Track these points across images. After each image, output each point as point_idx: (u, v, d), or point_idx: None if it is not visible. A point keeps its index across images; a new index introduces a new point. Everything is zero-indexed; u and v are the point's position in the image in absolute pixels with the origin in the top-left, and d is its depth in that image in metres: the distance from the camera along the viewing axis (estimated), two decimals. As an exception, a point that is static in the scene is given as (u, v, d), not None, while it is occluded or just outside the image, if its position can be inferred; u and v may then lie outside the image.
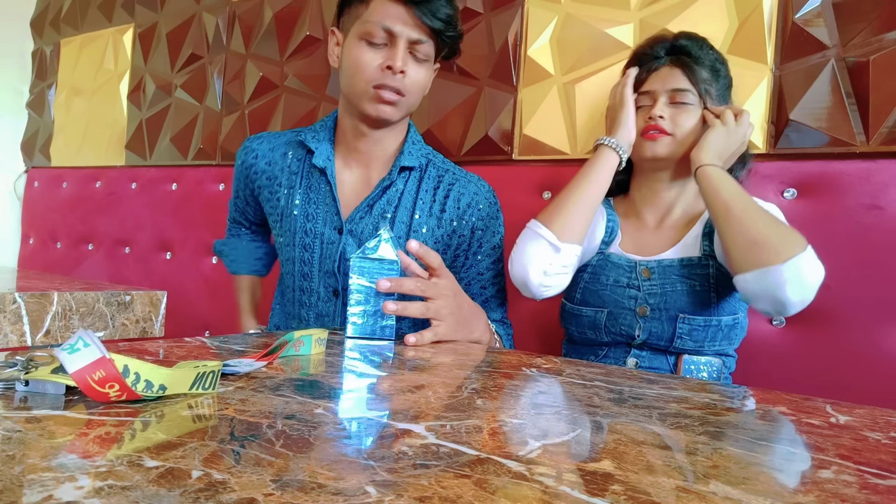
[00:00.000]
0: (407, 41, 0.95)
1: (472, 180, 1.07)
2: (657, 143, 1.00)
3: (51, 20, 2.54)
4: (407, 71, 0.96)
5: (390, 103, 0.97)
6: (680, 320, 0.96)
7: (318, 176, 1.05)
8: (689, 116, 1.00)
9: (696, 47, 1.02)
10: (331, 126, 1.08)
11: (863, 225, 1.05)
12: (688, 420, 0.48)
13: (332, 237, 1.04)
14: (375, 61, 0.95)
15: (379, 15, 0.94)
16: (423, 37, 0.96)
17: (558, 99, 1.36)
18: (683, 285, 0.97)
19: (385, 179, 1.02)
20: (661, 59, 1.03)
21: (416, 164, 1.04)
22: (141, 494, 0.27)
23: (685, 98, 0.99)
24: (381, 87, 0.96)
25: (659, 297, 0.98)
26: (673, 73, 1.01)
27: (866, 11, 1.07)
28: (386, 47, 0.96)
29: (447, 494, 0.29)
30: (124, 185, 2.19)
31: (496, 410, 0.47)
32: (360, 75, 0.96)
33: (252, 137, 1.13)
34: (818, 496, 0.33)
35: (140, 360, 0.43)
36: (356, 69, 0.96)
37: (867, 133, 1.06)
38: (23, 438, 0.33)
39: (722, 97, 1.03)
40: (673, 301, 0.97)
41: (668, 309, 0.97)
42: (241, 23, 1.93)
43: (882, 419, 0.52)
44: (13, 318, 1.27)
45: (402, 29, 0.94)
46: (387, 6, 0.94)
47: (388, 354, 0.71)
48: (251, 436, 0.36)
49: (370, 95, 0.96)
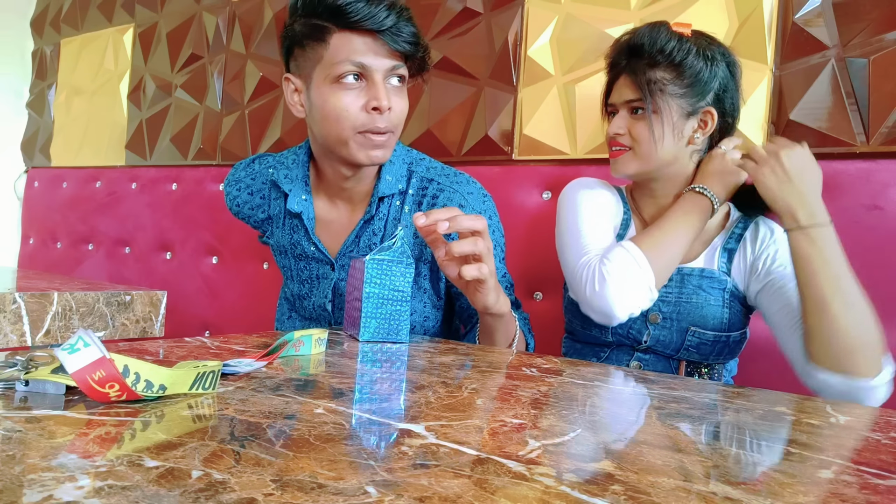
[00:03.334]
0: (384, 73, 0.87)
1: (457, 189, 0.98)
2: (618, 161, 0.96)
3: (51, 20, 2.54)
4: (392, 106, 0.88)
5: (381, 147, 0.89)
6: (690, 333, 0.94)
7: (295, 219, 1.01)
8: (643, 126, 0.93)
9: (650, 44, 0.92)
10: (304, 162, 1.00)
11: (863, 225, 1.05)
12: (688, 420, 0.48)
13: (325, 272, 1.02)
14: (356, 104, 0.86)
15: (346, 52, 0.85)
16: (397, 63, 0.88)
17: (558, 99, 1.36)
18: (699, 297, 0.94)
19: (366, 214, 0.97)
20: (619, 66, 0.97)
21: (397, 190, 0.97)
22: (141, 494, 0.27)
23: (640, 106, 0.94)
24: (369, 131, 0.87)
25: (673, 306, 0.95)
26: (627, 82, 0.95)
27: (866, 11, 1.07)
28: (361, 85, 0.87)
29: (447, 494, 0.29)
30: (124, 185, 2.19)
31: (496, 410, 0.47)
32: (344, 123, 0.87)
33: (230, 182, 1.08)
34: (818, 496, 0.33)
35: (140, 360, 0.43)
36: (337, 118, 0.87)
37: (867, 133, 1.06)
38: (23, 438, 0.33)
39: (693, 93, 0.92)
40: (686, 312, 0.94)
41: (680, 320, 0.94)
42: (241, 23, 1.93)
43: (882, 419, 0.52)
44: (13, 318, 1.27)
45: (374, 61, 0.86)
46: (352, 40, 0.85)
47: (388, 354, 0.71)
48: (251, 436, 0.36)
49: (358, 141, 0.88)
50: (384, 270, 0.80)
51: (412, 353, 0.72)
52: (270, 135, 1.84)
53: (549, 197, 1.36)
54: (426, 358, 0.70)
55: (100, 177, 2.28)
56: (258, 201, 1.06)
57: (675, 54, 0.91)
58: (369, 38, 0.85)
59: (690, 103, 0.92)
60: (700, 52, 0.92)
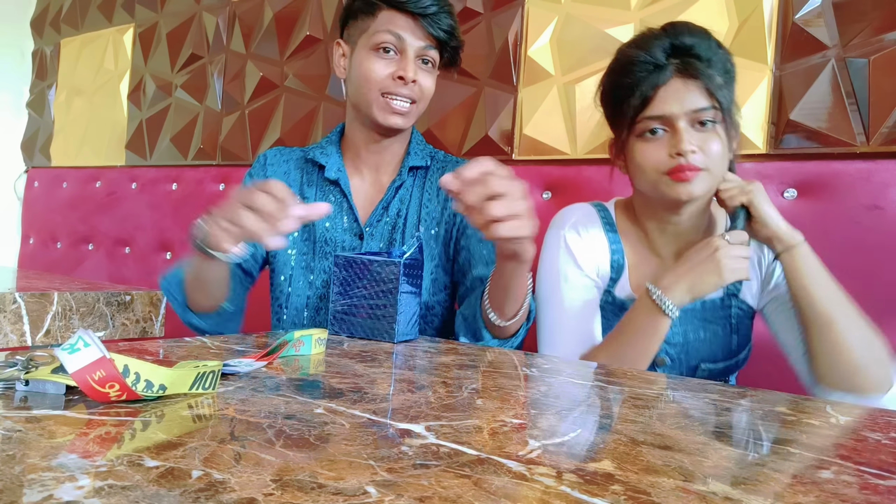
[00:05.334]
0: (416, 50, 0.99)
1: None
2: (692, 183, 0.80)
3: (51, 20, 2.54)
4: (418, 79, 0.99)
5: (401, 113, 1.00)
6: (700, 370, 0.90)
7: (332, 188, 1.09)
8: (717, 141, 0.81)
9: (705, 45, 0.81)
10: (336, 140, 1.12)
11: (863, 225, 1.05)
12: (688, 420, 0.48)
13: (354, 243, 1.07)
14: (386, 70, 0.98)
15: (387, 25, 0.98)
16: (430, 44, 1.00)
17: (558, 99, 1.36)
18: (706, 332, 0.88)
19: (396, 180, 1.06)
20: (665, 69, 0.81)
21: (424, 164, 1.08)
22: (141, 494, 0.27)
23: (708, 117, 0.80)
24: (390, 95, 0.99)
25: (680, 347, 0.89)
26: (687, 87, 0.80)
27: (866, 11, 1.07)
28: (395, 58, 0.99)
29: (447, 494, 0.29)
30: (124, 185, 2.19)
31: (496, 410, 0.47)
32: (371, 84, 0.99)
33: (268, 151, 1.15)
34: (818, 496, 0.33)
35: (140, 360, 0.43)
36: (366, 78, 0.99)
37: (867, 133, 1.06)
38: (23, 438, 0.33)
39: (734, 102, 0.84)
40: (695, 350, 0.89)
41: (689, 359, 0.90)
42: (241, 23, 1.93)
43: (882, 419, 0.52)
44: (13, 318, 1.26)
45: (410, 37, 0.98)
46: (395, 17, 0.98)
47: (388, 354, 0.71)
48: (251, 436, 0.36)
49: (380, 104, 0.99)
50: (411, 274, 0.82)
51: (412, 353, 0.72)
52: (270, 135, 1.84)
53: (549, 197, 1.36)
54: (426, 358, 0.70)
55: (100, 177, 2.28)
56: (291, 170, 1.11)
57: (725, 57, 0.82)
58: (411, 19, 0.98)
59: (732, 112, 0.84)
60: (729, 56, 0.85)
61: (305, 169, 1.12)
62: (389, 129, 1.03)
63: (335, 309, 0.82)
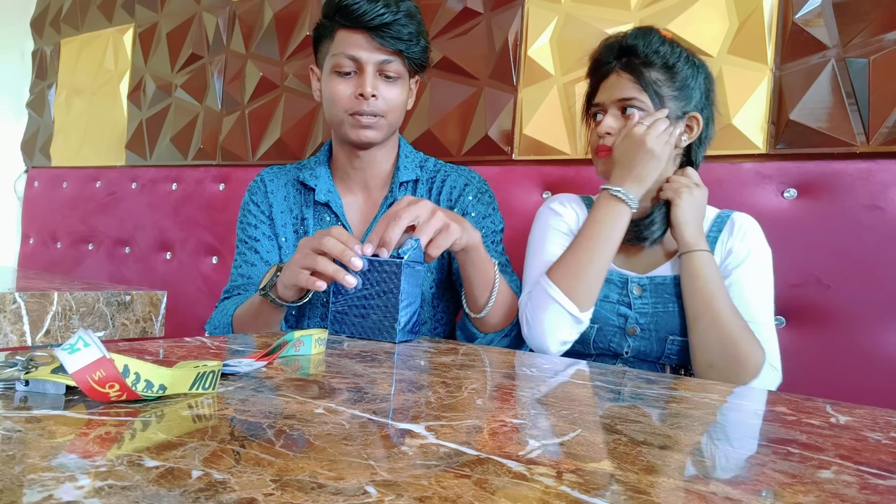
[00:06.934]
0: (374, 65, 0.99)
1: (462, 172, 1.11)
2: (608, 161, 0.95)
3: (51, 20, 2.54)
4: (379, 93, 0.99)
5: (368, 127, 1.01)
6: (669, 341, 0.94)
7: (325, 209, 1.09)
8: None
9: (645, 45, 0.93)
10: (324, 159, 1.12)
11: (863, 225, 1.05)
12: (688, 420, 0.48)
13: None
14: (348, 90, 1.00)
15: (343, 46, 0.98)
16: (389, 57, 0.99)
17: (558, 99, 1.36)
18: (675, 305, 0.93)
19: (388, 197, 1.07)
20: (609, 65, 0.96)
21: (413, 177, 1.09)
22: (141, 494, 0.27)
23: (635, 106, 0.93)
24: (356, 113, 1.00)
25: (650, 318, 0.95)
26: (620, 80, 0.94)
27: (866, 11, 1.07)
28: (356, 75, 1.00)
29: (447, 494, 0.29)
30: (124, 185, 2.19)
31: (496, 410, 0.47)
32: (337, 106, 1.01)
33: (263, 173, 1.16)
34: (818, 496, 0.33)
35: (140, 360, 0.43)
36: (332, 101, 1.01)
37: (867, 133, 1.06)
38: (23, 438, 0.33)
39: (682, 97, 0.94)
40: (664, 322, 0.94)
41: (658, 330, 0.94)
42: (241, 23, 1.93)
43: (882, 419, 0.52)
44: (13, 318, 1.26)
45: (366, 55, 0.98)
46: (350, 36, 0.98)
47: (388, 354, 0.71)
48: (251, 436, 0.36)
49: (350, 122, 1.01)
50: (411, 274, 0.82)
51: (412, 353, 0.72)
52: (270, 135, 1.84)
53: (548, 196, 1.36)
54: (426, 358, 0.70)
55: (100, 177, 2.28)
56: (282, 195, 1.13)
57: (668, 56, 0.93)
58: (365, 35, 0.97)
59: (679, 106, 0.94)
60: (688, 59, 0.95)
61: (301, 189, 1.12)
62: (363, 144, 1.03)
63: (334, 309, 0.82)
